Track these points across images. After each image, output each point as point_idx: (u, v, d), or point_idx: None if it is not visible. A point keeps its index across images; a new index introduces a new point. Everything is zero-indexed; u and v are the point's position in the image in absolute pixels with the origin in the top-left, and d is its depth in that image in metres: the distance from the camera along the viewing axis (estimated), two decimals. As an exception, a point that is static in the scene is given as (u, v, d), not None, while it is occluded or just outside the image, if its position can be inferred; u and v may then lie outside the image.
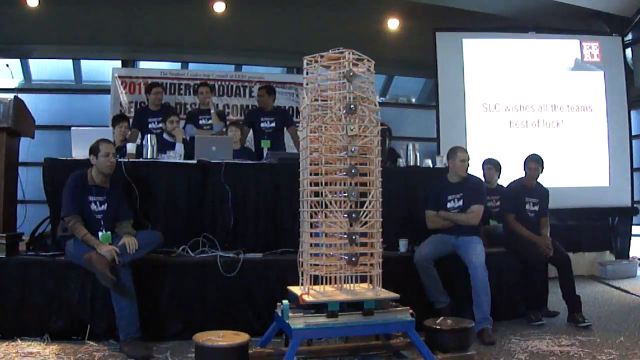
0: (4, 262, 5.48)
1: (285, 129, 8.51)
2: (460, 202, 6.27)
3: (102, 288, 5.15)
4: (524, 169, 6.79)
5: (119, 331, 5.06)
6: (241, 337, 4.22)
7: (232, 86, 10.90)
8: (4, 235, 5.62)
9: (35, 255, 5.71)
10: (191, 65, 11.93)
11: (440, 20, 10.59)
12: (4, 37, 9.66)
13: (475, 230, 6.26)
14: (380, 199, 4.43)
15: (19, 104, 6.02)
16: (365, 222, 4.36)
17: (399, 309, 4.34)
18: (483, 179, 7.09)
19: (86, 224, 5.28)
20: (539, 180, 6.77)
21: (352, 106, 4.29)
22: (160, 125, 7.97)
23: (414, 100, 13.73)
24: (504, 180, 7.48)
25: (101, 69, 11.64)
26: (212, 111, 8.30)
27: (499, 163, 7.61)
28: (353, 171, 4.28)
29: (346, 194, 4.30)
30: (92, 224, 5.33)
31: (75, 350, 5.04)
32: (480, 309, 5.70)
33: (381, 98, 12.69)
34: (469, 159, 6.29)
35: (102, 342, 5.25)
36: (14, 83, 11.48)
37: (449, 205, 6.27)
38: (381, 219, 4.44)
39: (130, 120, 8.42)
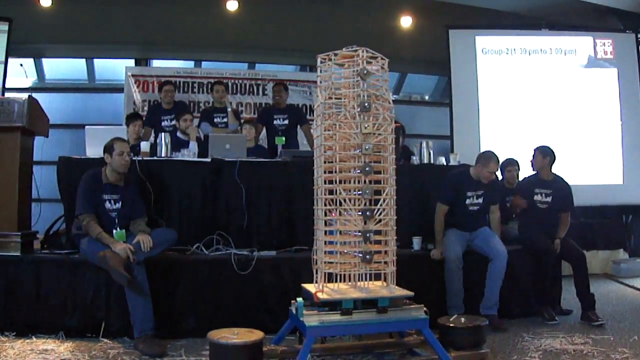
0: (19, 260, 5.51)
1: (298, 127, 8.51)
2: (481, 200, 6.26)
3: (116, 286, 5.18)
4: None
5: (133, 329, 5.07)
6: (255, 335, 4.22)
7: (245, 84, 10.92)
8: (19, 233, 5.65)
9: (50, 254, 5.75)
10: (204, 64, 11.95)
11: (453, 17, 10.56)
12: (18, 36, 9.67)
13: (485, 222, 6.33)
14: (395, 197, 4.43)
15: (33, 103, 6.04)
16: (380, 220, 4.36)
17: (412, 306, 4.33)
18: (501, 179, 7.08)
19: (100, 222, 5.31)
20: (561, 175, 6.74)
21: (366, 104, 4.29)
22: (174, 123, 7.98)
23: (427, 97, 13.71)
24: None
25: (114, 68, 11.69)
26: (228, 109, 8.31)
27: (517, 162, 7.56)
28: (367, 169, 4.28)
29: (360, 192, 4.30)
30: (107, 222, 5.35)
31: (90, 347, 5.06)
32: (493, 295, 5.82)
33: (394, 96, 12.67)
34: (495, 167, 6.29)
35: (116, 340, 5.27)
36: (28, 82, 11.54)
37: (467, 201, 6.25)
38: (395, 217, 4.44)
39: (144, 119, 8.46)
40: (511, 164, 7.43)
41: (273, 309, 5.62)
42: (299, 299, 4.27)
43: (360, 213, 4.31)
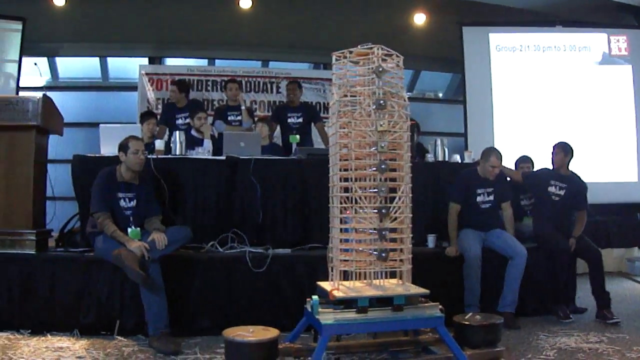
0: (34, 258, 5.57)
1: (312, 124, 8.50)
2: (491, 197, 6.26)
3: (131, 284, 5.20)
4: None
5: (148, 326, 5.11)
6: (271, 333, 4.21)
7: (259, 82, 10.92)
8: (34, 231, 5.69)
9: (65, 252, 5.80)
10: (218, 62, 11.94)
11: (467, 14, 10.53)
12: (32, 35, 9.72)
13: (499, 221, 6.33)
14: (410, 195, 4.42)
15: (47, 101, 6.05)
16: (395, 218, 4.35)
17: (428, 304, 4.31)
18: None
19: (115, 221, 5.33)
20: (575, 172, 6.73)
21: (381, 102, 4.28)
22: (188, 121, 8.00)
23: (441, 95, 13.67)
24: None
25: (128, 66, 11.70)
26: (242, 107, 8.32)
27: (532, 160, 7.52)
28: (383, 167, 4.26)
29: (376, 190, 4.29)
30: (122, 220, 5.38)
31: (105, 345, 5.10)
32: (512, 293, 5.87)
33: (408, 93, 12.63)
34: (500, 165, 6.29)
35: (131, 338, 5.30)
36: (42, 81, 11.55)
37: (478, 199, 6.26)
38: (411, 215, 4.43)
39: (158, 117, 8.48)
40: (525, 161, 7.38)
41: (288, 306, 5.62)
42: (314, 297, 4.27)
43: (375, 211, 4.30)
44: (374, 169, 4.30)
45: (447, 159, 7.10)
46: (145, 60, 11.50)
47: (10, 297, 5.45)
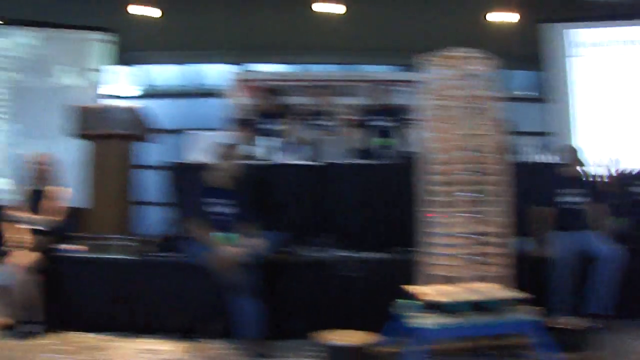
0: (129, 263, 5.77)
1: (400, 127, 8.45)
2: (580, 198, 6.16)
3: (223, 288, 5.25)
4: None
5: (239, 330, 5.17)
6: (364, 337, 4.24)
7: (346, 86, 10.89)
8: (131, 237, 5.83)
9: (158, 257, 5.93)
10: (306, 67, 12.01)
11: (547, 11, 10.36)
12: (127, 45, 9.98)
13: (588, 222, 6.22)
14: (505, 197, 4.39)
15: (140, 110, 6.20)
16: (489, 221, 4.32)
17: (524, 308, 4.28)
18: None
19: (209, 226, 5.42)
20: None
21: (472, 105, 4.27)
22: (279, 127, 8.04)
23: (523, 93, 13.46)
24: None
25: (219, 73, 11.88)
26: (331, 112, 8.35)
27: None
28: (475, 170, 4.25)
29: (469, 193, 4.27)
30: (216, 226, 5.45)
31: (195, 348, 5.23)
32: (604, 296, 5.73)
33: (496, 93, 12.44)
34: (579, 162, 6.19)
35: (221, 341, 5.36)
36: (136, 90, 11.85)
37: (567, 199, 6.16)
38: (507, 218, 4.39)
39: (250, 123, 8.56)
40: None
41: (380, 310, 5.61)
42: (408, 301, 4.27)
43: (469, 214, 4.29)
44: (467, 172, 4.29)
45: (536, 160, 6.99)
46: (235, 68, 11.64)
47: (106, 300, 5.65)
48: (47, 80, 9.54)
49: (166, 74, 12.26)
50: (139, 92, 11.98)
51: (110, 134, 5.98)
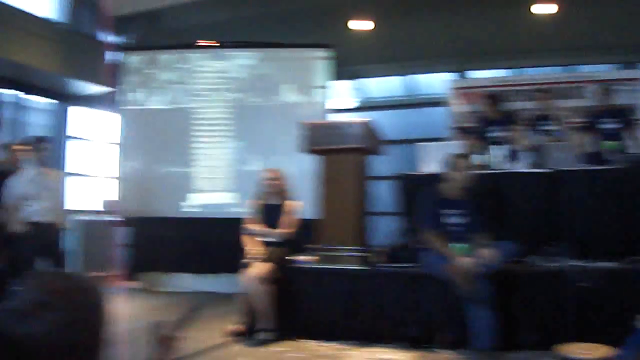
0: (359, 273, 5.89)
1: (628, 129, 8.04)
2: None
3: (457, 298, 5.26)
4: None
5: (472, 340, 5.15)
6: (604, 350, 4.07)
7: (566, 88, 10.52)
8: (360, 248, 5.95)
9: (390, 267, 6.00)
10: (524, 70, 11.75)
11: None
12: (345, 60, 10.21)
13: None
14: None
15: (369, 124, 6.31)
16: None
17: None
18: None
19: (442, 237, 5.43)
20: None
21: None
22: (503, 134, 7.91)
23: None
24: None
25: (433, 82, 11.91)
26: (555, 116, 8.12)
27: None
28: None
29: None
30: (449, 237, 5.47)
31: (427, 358, 5.24)
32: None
33: None
34: None
35: (453, 351, 5.33)
36: (357, 103, 12.13)
37: None
38: None
39: (473, 131, 8.48)
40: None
41: (618, 323, 5.35)
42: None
43: None
44: None
45: None
46: (450, 75, 11.62)
47: (338, 309, 5.81)
48: (270, 99, 9.92)
49: (384, 85, 12.42)
50: (359, 105, 12.23)
51: (342, 148, 6.11)
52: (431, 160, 6.05)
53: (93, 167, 11.28)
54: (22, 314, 1.35)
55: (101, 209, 10.32)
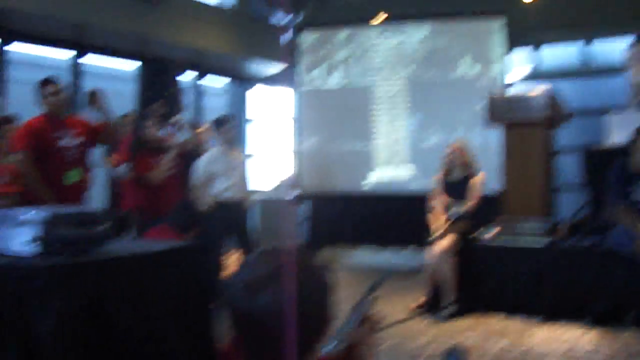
0: (544, 249, 5.77)
1: None
2: None
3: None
4: None
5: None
6: None
7: None
8: (545, 222, 5.85)
9: (575, 242, 5.86)
10: None
11: None
12: (516, 27, 9.95)
13: None
14: None
15: (553, 95, 6.18)
16: None
17: None
18: None
19: (633, 213, 5.24)
20: None
21: None
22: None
23: None
24: None
25: (613, 48, 11.40)
26: None
27: None
28: None
29: None
30: (639, 213, 5.27)
31: (615, 338, 5.02)
32: None
33: None
34: None
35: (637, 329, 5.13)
36: (532, 73, 11.84)
37: None
38: None
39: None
40: None
41: None
42: None
43: None
44: None
45: None
46: (631, 39, 11.08)
47: (522, 284, 5.73)
48: (446, 73, 9.79)
49: (560, 53, 12.00)
50: (535, 75, 11.89)
51: (527, 122, 6.02)
52: (620, 132, 5.83)
53: (270, 145, 11.64)
54: (253, 287, 1.43)
55: (279, 186, 10.64)
